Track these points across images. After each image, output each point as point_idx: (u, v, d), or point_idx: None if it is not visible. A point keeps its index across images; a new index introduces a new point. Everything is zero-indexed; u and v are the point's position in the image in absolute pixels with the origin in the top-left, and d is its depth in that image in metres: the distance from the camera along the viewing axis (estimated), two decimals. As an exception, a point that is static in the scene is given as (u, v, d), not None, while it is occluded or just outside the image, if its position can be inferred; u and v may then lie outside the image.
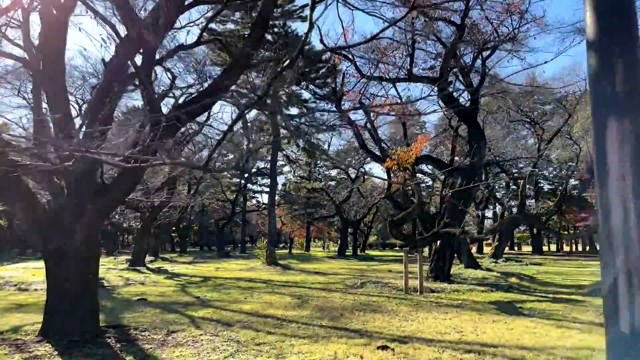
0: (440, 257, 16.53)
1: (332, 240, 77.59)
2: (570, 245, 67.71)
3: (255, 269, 25.39)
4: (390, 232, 14.51)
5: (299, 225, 61.77)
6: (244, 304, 12.04)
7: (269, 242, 27.82)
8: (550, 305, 11.73)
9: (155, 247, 42.80)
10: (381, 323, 9.16)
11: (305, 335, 8.06)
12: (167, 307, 11.47)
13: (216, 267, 28.45)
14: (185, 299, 12.97)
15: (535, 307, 11.40)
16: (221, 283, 17.79)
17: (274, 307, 11.47)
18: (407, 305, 11.54)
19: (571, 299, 12.88)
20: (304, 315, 10.18)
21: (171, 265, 29.03)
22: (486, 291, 14.42)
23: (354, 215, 46.00)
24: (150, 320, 9.44)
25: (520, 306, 11.45)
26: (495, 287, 15.44)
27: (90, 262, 7.44)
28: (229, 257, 41.51)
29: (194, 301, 12.60)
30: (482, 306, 11.48)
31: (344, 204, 42.98)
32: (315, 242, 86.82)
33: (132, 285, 16.89)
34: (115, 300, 12.67)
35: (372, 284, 15.76)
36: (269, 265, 26.83)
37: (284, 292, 14.73)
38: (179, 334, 8.01)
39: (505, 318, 9.64)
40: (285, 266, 27.19)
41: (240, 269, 25.83)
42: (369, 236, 61.91)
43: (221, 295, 13.76)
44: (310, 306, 11.55)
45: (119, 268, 25.56)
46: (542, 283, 17.93)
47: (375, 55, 16.10)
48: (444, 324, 9.05)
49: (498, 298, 13.03)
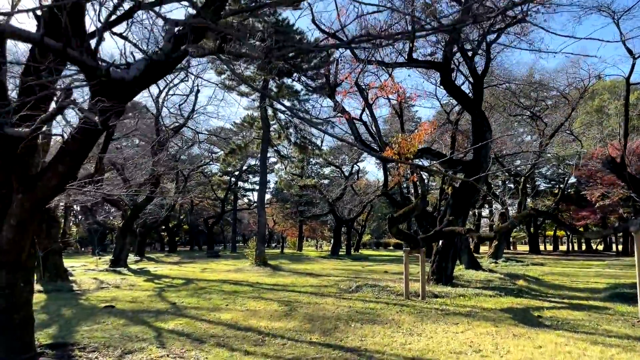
0: (443, 257, 15.13)
1: (325, 240, 76.19)
2: (568, 244, 66.70)
3: (243, 270, 23.91)
4: (390, 231, 13.11)
5: (291, 224, 60.30)
6: (224, 312, 10.57)
7: (258, 242, 26.32)
8: (572, 313, 10.35)
9: (141, 246, 41.17)
10: (382, 338, 7.73)
11: (291, 356, 6.61)
12: (135, 316, 9.98)
13: (203, 267, 26.94)
14: (158, 306, 11.47)
15: (555, 315, 10.01)
16: (204, 287, 16.29)
17: (257, 316, 10.00)
18: (410, 314, 10.11)
19: (591, 306, 11.51)
20: (291, 327, 8.71)
21: (155, 266, 27.47)
22: (495, 296, 13.04)
23: (347, 214, 44.56)
24: (107, 335, 7.95)
25: (539, 315, 10.05)
26: (503, 290, 14.05)
27: (19, 268, 5.93)
28: (218, 257, 39.96)
29: (168, 308, 11.10)
30: (495, 315, 10.08)
31: (337, 202, 41.51)
32: (308, 242, 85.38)
33: (105, 289, 15.34)
34: (77, 308, 11.14)
35: (369, 288, 14.32)
36: (258, 266, 25.35)
37: (271, 297, 13.27)
38: (135, 356, 6.53)
39: (527, 331, 8.23)
40: (276, 267, 25.71)
41: (228, 270, 24.35)
42: (362, 235, 60.52)
43: (200, 302, 12.27)
44: (299, 315, 10.09)
45: (99, 269, 24.01)
46: (552, 286, 16.59)
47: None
48: (457, 339, 7.62)
49: (510, 304, 11.65)
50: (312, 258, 38.22)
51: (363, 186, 52.91)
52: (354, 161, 42.46)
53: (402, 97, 10.91)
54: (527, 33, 16.06)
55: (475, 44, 15.68)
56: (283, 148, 30.74)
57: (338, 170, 50.13)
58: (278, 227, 64.39)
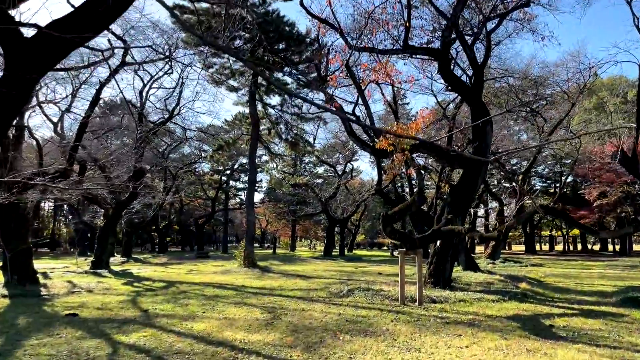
0: (441, 259, 14.05)
1: (318, 240, 75.12)
2: (564, 244, 66.01)
3: (230, 272, 22.77)
4: (384, 230, 12.02)
5: (284, 224, 59.15)
6: (199, 320, 9.44)
7: (247, 242, 25.16)
8: (586, 321, 9.30)
9: (128, 247, 39.91)
10: (375, 355, 6.63)
11: (264, 379, 5.51)
12: (96, 327, 8.82)
13: (189, 269, 25.78)
14: (127, 314, 10.32)
15: (569, 324, 8.96)
16: (184, 290, 15.15)
17: (234, 326, 8.88)
18: (407, 323, 9.02)
19: (605, 312, 10.48)
20: (270, 340, 7.59)
21: (139, 268, 26.26)
22: (498, 301, 11.98)
23: (341, 214, 43.46)
24: (54, 351, 6.81)
25: (551, 324, 8.99)
26: (505, 294, 13.00)
27: None
28: (207, 258, 38.78)
29: (137, 317, 9.96)
30: (501, 324, 9.01)
31: (330, 200, 40.41)
32: (302, 242, 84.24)
33: (76, 294, 14.15)
34: (36, 317, 9.96)
35: (361, 292, 13.21)
36: (246, 268, 24.19)
37: (254, 302, 12.15)
38: (74, 381, 5.40)
39: (541, 345, 7.16)
40: (265, 268, 24.56)
41: (215, 272, 23.22)
42: (356, 235, 59.45)
43: (176, 308, 11.13)
44: (281, 325, 8.97)
45: (79, 271, 22.79)
46: (557, 289, 15.56)
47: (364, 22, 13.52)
48: (462, 356, 6.54)
49: (516, 311, 10.59)
50: (304, 259, 37.11)
51: (357, 185, 51.86)
52: (348, 159, 41.36)
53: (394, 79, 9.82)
54: (530, 19, 15.02)
55: (475, 29, 14.61)
56: (274, 145, 29.61)
57: (332, 169, 49.05)
58: (271, 227, 63.25)
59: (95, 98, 16.41)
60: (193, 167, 45.84)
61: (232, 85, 29.59)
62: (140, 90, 24.86)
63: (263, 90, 27.32)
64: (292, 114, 26.88)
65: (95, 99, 16.41)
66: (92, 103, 16.32)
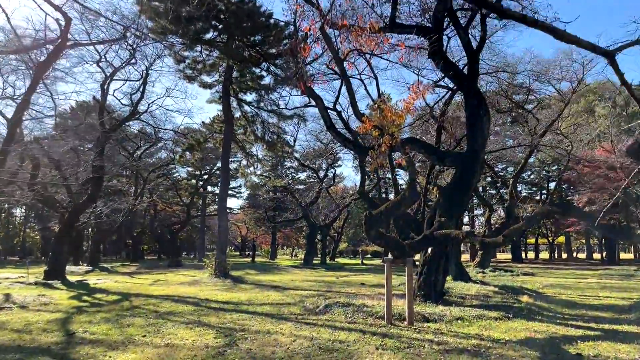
0: (432, 269, 12.18)
1: (300, 248, 72.95)
2: (550, 253, 64.98)
3: (199, 283, 20.62)
4: (368, 234, 10.05)
5: (264, 231, 56.94)
6: (132, 349, 7.39)
7: (219, 250, 23.01)
8: (616, 346, 7.50)
9: (94, 255, 37.29)
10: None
11: None
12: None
13: (157, 279, 23.55)
14: (46, 339, 8.20)
15: (599, 351, 7.13)
16: (137, 305, 13.02)
17: (174, 357, 6.85)
18: (396, 352, 7.09)
19: (631, 333, 8.72)
20: (213, 382, 5.59)
21: (99, 278, 23.84)
22: (501, 319, 10.13)
23: (322, 220, 41.43)
24: None
25: (577, 351, 7.15)
26: (508, 310, 11.19)
27: None
28: (180, 266, 36.35)
29: (55, 344, 7.85)
30: (514, 351, 7.14)
31: (311, 206, 38.39)
32: (284, 250, 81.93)
33: (4, 311, 11.94)
34: None
35: (341, 307, 11.24)
36: (217, 278, 22.01)
37: (212, 321, 10.10)
38: None
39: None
40: (238, 279, 22.42)
41: (182, 283, 21.05)
42: (339, 243, 57.38)
43: (111, 330, 9.01)
44: (236, 356, 6.97)
45: (29, 281, 20.39)
46: (562, 302, 13.79)
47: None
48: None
49: (527, 332, 8.73)
50: (283, 268, 34.95)
51: (340, 192, 49.89)
52: (330, 161, 39.41)
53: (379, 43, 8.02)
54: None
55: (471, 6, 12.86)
56: (250, 146, 27.51)
57: (314, 174, 47.06)
58: (251, 234, 60.88)
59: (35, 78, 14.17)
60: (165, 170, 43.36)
61: (206, 81, 27.55)
62: (101, 83, 22.68)
63: (237, 84, 25.30)
64: (269, 111, 24.89)
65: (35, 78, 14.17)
66: (32, 84, 14.07)
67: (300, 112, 25.48)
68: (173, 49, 25.65)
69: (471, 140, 13.03)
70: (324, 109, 15.59)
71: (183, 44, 23.56)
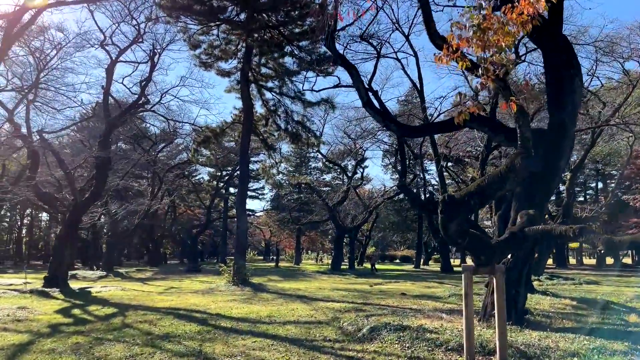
0: (512, 279, 9.09)
1: (326, 252, 70.03)
2: (597, 258, 60.21)
3: (214, 292, 18.01)
4: (444, 229, 6.99)
5: (288, 235, 54.22)
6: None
7: (237, 254, 20.27)
8: None
9: (110, 259, 35.06)
10: None
11: None
12: None
13: (169, 286, 21.09)
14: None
15: None
16: (130, 323, 10.37)
17: None
18: None
19: None
20: None
21: (106, 285, 21.35)
22: (629, 351, 7.00)
23: (350, 222, 38.35)
24: None
25: None
26: (624, 336, 8.04)
27: None
28: (198, 272, 33.88)
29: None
30: None
31: (338, 206, 35.35)
32: (308, 254, 78.93)
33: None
34: None
35: (392, 332, 8.27)
36: (235, 286, 19.31)
37: (217, 352, 7.31)
38: None
39: None
40: (258, 286, 19.65)
41: (196, 291, 18.54)
42: (367, 247, 54.10)
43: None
44: None
45: (25, 289, 18.06)
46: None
47: None
48: None
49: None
50: (308, 274, 32.06)
51: (367, 194, 46.84)
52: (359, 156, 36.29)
53: None
54: None
55: None
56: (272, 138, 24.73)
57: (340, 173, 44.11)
58: (274, 237, 58.28)
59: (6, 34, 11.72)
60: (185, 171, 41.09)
61: (223, 68, 25.00)
62: (107, 67, 20.33)
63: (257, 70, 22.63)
64: (293, 97, 22.08)
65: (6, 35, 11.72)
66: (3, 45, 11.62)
67: (328, 97, 22.57)
68: (187, 32, 23.24)
69: (557, 111, 9.88)
70: (360, 81, 12.73)
71: (198, 21, 21.07)
